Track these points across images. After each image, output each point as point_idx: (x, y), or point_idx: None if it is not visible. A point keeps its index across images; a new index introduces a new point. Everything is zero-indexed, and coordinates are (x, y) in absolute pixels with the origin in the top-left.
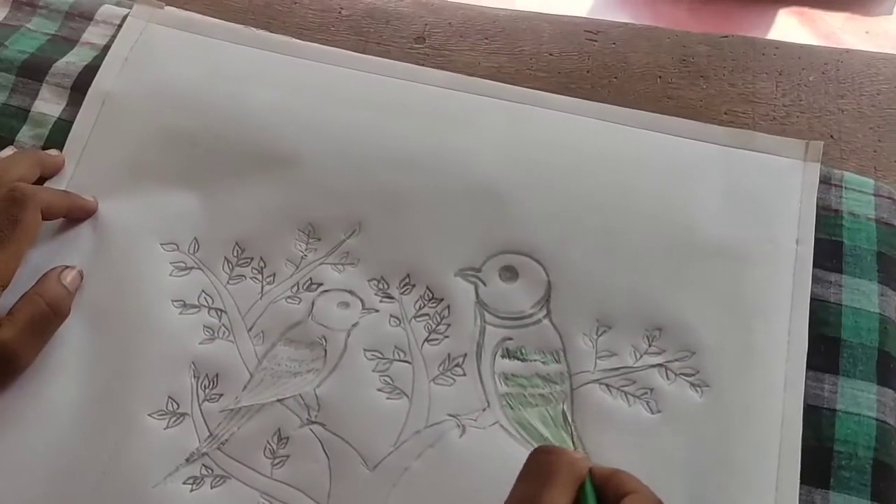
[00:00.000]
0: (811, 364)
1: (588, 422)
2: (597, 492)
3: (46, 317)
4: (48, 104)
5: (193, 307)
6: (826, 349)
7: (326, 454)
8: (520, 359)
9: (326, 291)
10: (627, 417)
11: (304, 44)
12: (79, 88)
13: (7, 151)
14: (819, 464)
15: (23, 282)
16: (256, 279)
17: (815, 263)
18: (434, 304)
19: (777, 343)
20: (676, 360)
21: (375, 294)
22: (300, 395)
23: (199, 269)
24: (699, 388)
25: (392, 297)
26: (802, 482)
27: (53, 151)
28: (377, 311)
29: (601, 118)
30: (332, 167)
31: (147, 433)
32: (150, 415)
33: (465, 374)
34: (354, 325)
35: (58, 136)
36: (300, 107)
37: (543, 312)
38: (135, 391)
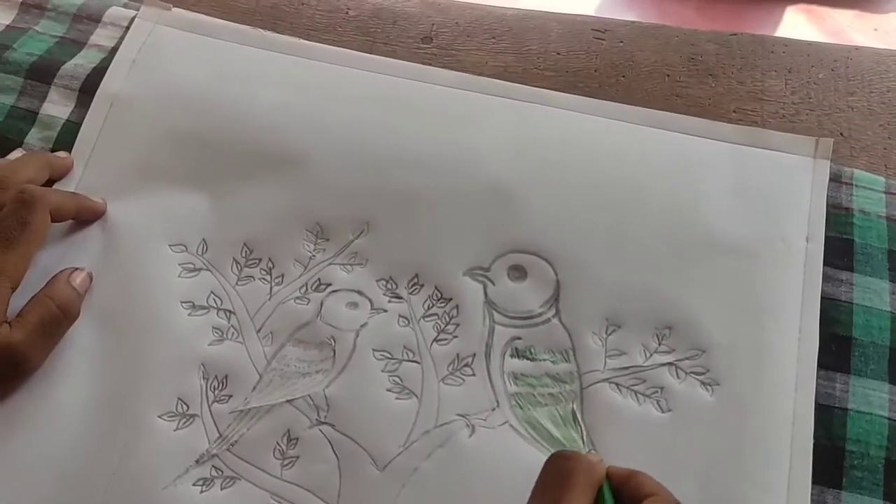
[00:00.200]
0: (822, 363)
1: (598, 421)
2: (615, 494)
3: (56, 319)
4: (56, 106)
5: (202, 308)
6: (837, 348)
7: (336, 455)
8: (529, 358)
9: (335, 292)
10: (637, 417)
11: (312, 44)
12: (87, 90)
13: (16, 154)
14: (831, 463)
15: (32, 284)
16: (265, 280)
17: (826, 262)
18: (443, 304)
19: (788, 342)
20: (686, 359)
21: (384, 294)
22: (309, 396)
23: (208, 271)
24: (709, 387)
25: (400, 297)
26: (814, 482)
27: (62, 153)
28: (386, 312)
29: (609, 117)
30: (340, 167)
31: (157, 435)
32: (160, 416)
33: (475, 374)
34: (363, 326)
35: (66, 139)
36: (308, 107)
37: (552, 312)
38: (144, 393)
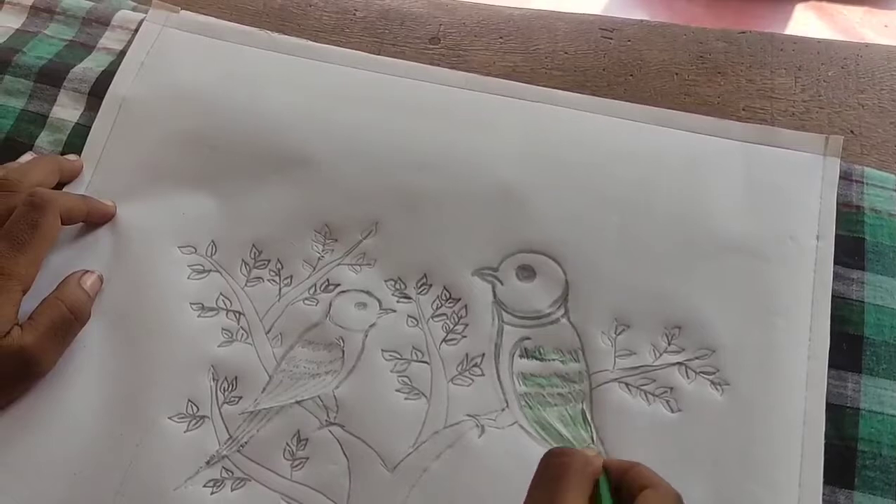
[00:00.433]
0: (833, 362)
1: (608, 421)
2: (614, 486)
3: (67, 321)
4: (66, 110)
5: (212, 310)
6: (848, 347)
7: (346, 455)
8: (538, 358)
9: (344, 292)
10: (647, 416)
11: (319, 46)
12: (96, 94)
13: (26, 157)
14: (843, 463)
15: (43, 286)
16: (274, 281)
17: (837, 260)
18: (451, 304)
19: (798, 341)
20: (696, 359)
21: (392, 294)
22: (319, 397)
23: (217, 272)
24: (720, 387)
25: (409, 298)
26: (826, 482)
27: (72, 156)
28: (394, 312)
29: (618, 116)
30: (349, 168)
31: (167, 436)
32: (170, 418)
33: (484, 375)
34: (372, 326)
35: (76, 142)
36: (316, 109)
37: (561, 311)
38: (154, 394)
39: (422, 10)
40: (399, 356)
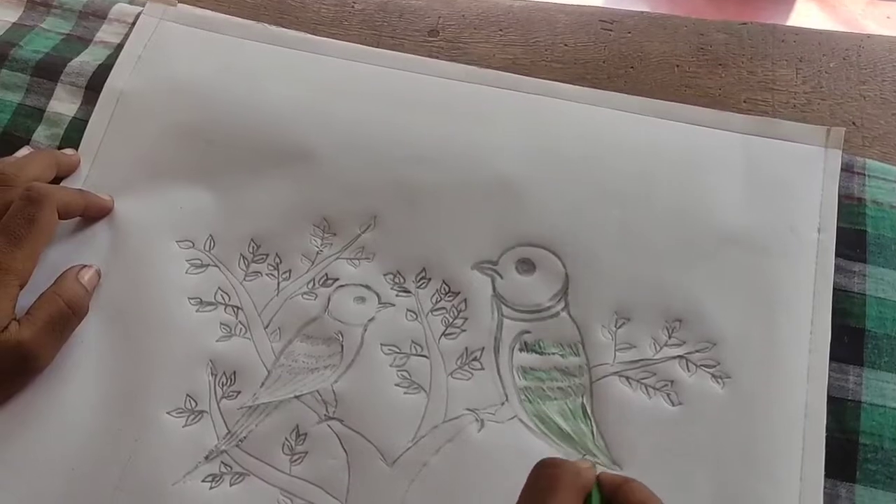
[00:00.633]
0: (835, 355)
1: (608, 415)
2: (606, 501)
3: (65, 316)
4: (63, 104)
5: (210, 305)
6: (850, 340)
7: (345, 450)
8: (538, 352)
9: (342, 286)
10: (648, 410)
11: (318, 39)
12: (93, 87)
13: (23, 151)
14: (844, 456)
15: (40, 281)
16: (272, 275)
17: (839, 253)
18: (451, 298)
19: (799, 334)
20: (697, 352)
21: (391, 288)
22: (318, 392)
23: (215, 267)
24: (720, 380)
25: (408, 291)
26: (827, 475)
27: (69, 151)
28: (393, 306)
29: (618, 108)
30: (347, 162)
31: (166, 431)
32: (169, 413)
33: (483, 368)
34: (371, 320)
35: (73, 136)
36: (314, 102)
37: (561, 305)
38: (153, 389)
39: (420, 2)
40: (398, 350)
